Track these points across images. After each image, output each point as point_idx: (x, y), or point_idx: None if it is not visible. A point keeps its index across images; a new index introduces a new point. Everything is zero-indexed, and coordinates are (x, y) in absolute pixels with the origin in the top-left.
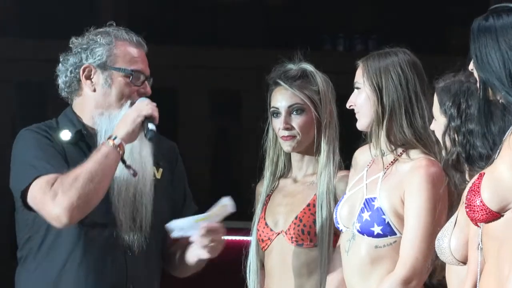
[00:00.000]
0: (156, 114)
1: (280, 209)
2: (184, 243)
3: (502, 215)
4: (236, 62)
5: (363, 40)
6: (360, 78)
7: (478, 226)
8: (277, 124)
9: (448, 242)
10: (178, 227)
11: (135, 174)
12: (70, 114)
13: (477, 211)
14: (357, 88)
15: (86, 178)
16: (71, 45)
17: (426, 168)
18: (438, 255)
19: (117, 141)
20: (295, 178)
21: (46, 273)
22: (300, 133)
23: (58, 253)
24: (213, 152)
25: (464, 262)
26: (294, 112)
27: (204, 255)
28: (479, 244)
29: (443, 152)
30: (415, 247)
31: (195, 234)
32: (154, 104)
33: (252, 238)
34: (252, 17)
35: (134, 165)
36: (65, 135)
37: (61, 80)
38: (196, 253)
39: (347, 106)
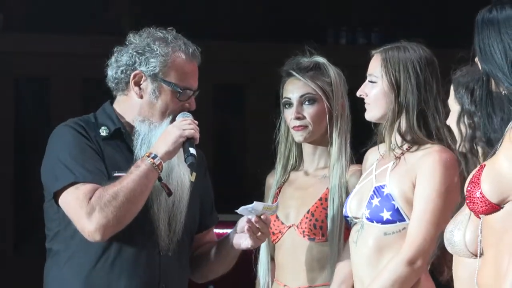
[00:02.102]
0: (197, 135)
1: (291, 202)
2: (211, 244)
3: (502, 207)
4: (238, 56)
5: (366, 33)
6: (377, 71)
7: (479, 218)
8: (289, 114)
9: (463, 235)
10: (248, 208)
11: (169, 193)
12: (110, 110)
13: (477, 203)
14: (372, 81)
15: (125, 198)
16: (127, 43)
17: (439, 153)
18: (448, 247)
19: (157, 161)
20: (307, 171)
21: (78, 268)
22: (311, 123)
23: (91, 250)
24: (216, 147)
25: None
26: (306, 102)
27: (248, 244)
28: (478, 236)
29: (458, 140)
30: (423, 228)
31: (253, 217)
32: (196, 123)
33: None
34: (254, 10)
35: (173, 175)
36: (103, 131)
37: (110, 73)
38: (238, 242)
39: (357, 94)
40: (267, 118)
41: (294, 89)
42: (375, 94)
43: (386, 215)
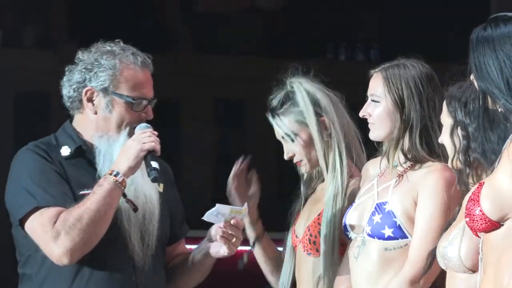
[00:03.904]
0: (158, 147)
1: (303, 215)
2: (185, 256)
3: (502, 225)
4: (239, 71)
5: (366, 49)
6: (379, 90)
7: (478, 236)
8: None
9: (458, 250)
10: (213, 212)
11: (135, 209)
12: (70, 130)
13: (477, 221)
14: (375, 101)
15: (90, 220)
16: (76, 60)
17: (442, 172)
18: (441, 263)
19: (120, 178)
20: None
21: None
22: (304, 156)
23: (64, 272)
24: (216, 161)
25: (474, 270)
26: (289, 140)
27: (224, 251)
28: (480, 255)
29: (451, 155)
30: (425, 247)
31: (222, 223)
32: (156, 133)
33: (287, 243)
34: (254, 26)
35: (139, 189)
36: (65, 151)
37: (64, 92)
38: (215, 251)
39: (360, 115)
40: (267, 133)
41: (276, 131)
42: (379, 113)
43: (388, 232)
